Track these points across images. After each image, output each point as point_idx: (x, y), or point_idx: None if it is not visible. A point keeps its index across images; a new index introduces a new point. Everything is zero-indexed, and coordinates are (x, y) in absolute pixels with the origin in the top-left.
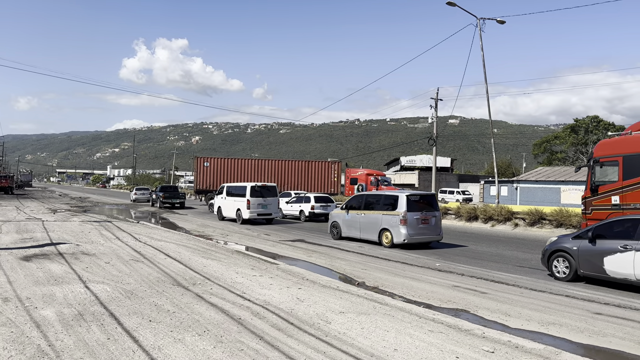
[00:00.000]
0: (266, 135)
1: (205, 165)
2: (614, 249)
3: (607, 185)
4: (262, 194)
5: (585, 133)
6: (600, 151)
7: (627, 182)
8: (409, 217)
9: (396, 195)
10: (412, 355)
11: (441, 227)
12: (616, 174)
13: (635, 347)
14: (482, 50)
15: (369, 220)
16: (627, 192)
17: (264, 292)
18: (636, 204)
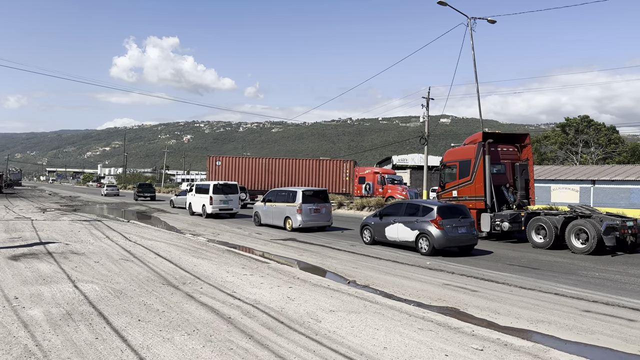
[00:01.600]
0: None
1: (217, 164)
2: (389, 222)
3: (450, 183)
4: (224, 191)
5: (575, 133)
6: (446, 158)
7: (461, 181)
8: (304, 208)
9: (295, 190)
10: (401, 353)
11: (331, 215)
12: (455, 174)
13: (622, 344)
14: (473, 50)
15: (278, 210)
16: (461, 188)
17: (254, 291)
18: (465, 196)
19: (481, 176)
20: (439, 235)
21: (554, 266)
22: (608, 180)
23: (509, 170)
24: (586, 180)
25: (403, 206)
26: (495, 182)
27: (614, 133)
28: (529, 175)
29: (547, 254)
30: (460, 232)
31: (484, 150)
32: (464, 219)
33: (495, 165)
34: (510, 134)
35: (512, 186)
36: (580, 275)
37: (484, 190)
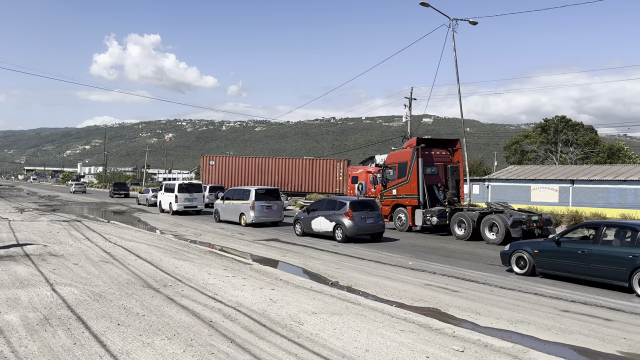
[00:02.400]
0: (241, 133)
1: (211, 163)
2: (314, 216)
3: (390, 182)
4: (188, 190)
5: (554, 132)
6: (388, 160)
7: (399, 180)
8: (256, 205)
9: (249, 189)
10: (383, 355)
11: (282, 212)
12: (395, 175)
13: (599, 343)
14: (455, 51)
15: (234, 207)
16: (399, 187)
17: (236, 293)
18: (403, 194)
19: (415, 177)
20: (350, 225)
21: None
22: (586, 180)
23: (441, 172)
24: (565, 180)
25: (325, 202)
26: (429, 182)
27: (592, 133)
28: (459, 176)
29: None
30: (368, 222)
31: (418, 154)
32: (371, 211)
33: (429, 167)
34: (443, 139)
35: (444, 186)
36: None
37: (418, 189)
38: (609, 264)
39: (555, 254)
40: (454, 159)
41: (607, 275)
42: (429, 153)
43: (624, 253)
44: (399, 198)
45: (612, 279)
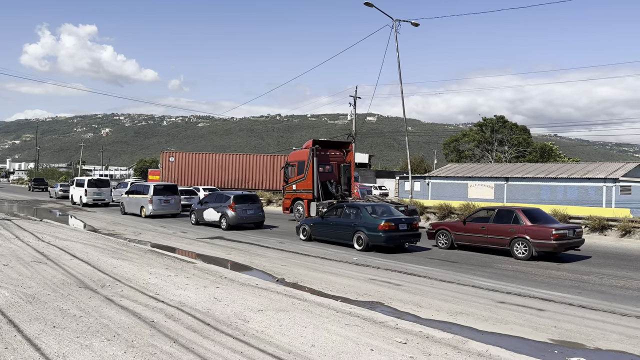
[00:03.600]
0: (183, 129)
1: (171, 160)
2: (206, 207)
3: (292, 179)
4: (97, 185)
5: (490, 132)
6: (290, 158)
7: (298, 177)
8: (154, 199)
9: (148, 184)
10: (328, 349)
11: (180, 205)
12: (295, 172)
13: (533, 332)
14: (398, 51)
15: (136, 201)
16: (299, 183)
17: (179, 292)
18: (301, 189)
19: (311, 174)
20: (233, 215)
21: (472, 260)
22: (520, 177)
23: (335, 170)
24: (500, 177)
25: (215, 196)
26: (324, 178)
27: (526, 133)
28: (350, 174)
29: None
30: (249, 213)
31: (314, 154)
32: (252, 204)
33: (324, 166)
34: (337, 142)
35: (337, 182)
36: (495, 269)
37: (313, 185)
38: (343, 230)
39: (321, 225)
40: (347, 158)
41: (343, 237)
42: (324, 153)
43: (350, 222)
44: (297, 192)
45: (345, 239)
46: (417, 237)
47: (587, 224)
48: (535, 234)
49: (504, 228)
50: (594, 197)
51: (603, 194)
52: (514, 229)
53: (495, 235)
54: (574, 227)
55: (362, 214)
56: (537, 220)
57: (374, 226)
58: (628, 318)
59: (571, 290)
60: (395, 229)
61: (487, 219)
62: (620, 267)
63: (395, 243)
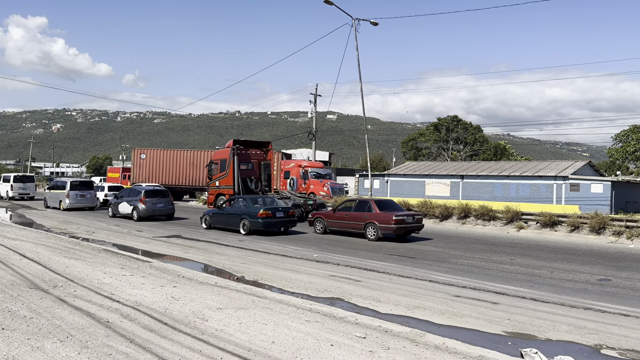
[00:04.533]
0: (138, 125)
1: (142, 157)
2: (121, 201)
3: (215, 175)
4: (22, 180)
5: (446, 131)
6: (213, 157)
7: (221, 174)
8: (71, 194)
9: (65, 181)
10: (289, 346)
11: (95, 199)
12: (218, 169)
13: (487, 325)
14: (357, 50)
15: (56, 196)
16: (221, 179)
17: (135, 292)
18: (223, 185)
19: (232, 171)
20: (143, 208)
21: (429, 255)
22: (475, 175)
23: (256, 167)
24: (456, 175)
25: (128, 191)
26: (245, 175)
27: (480, 132)
28: (271, 171)
29: None
30: (158, 206)
31: (234, 153)
32: (162, 198)
33: (245, 164)
34: (258, 142)
35: (257, 178)
36: (451, 263)
37: (233, 181)
38: (233, 218)
39: (218, 215)
40: (267, 157)
41: (233, 224)
42: (246, 152)
43: (238, 212)
44: (220, 188)
45: (234, 226)
46: (293, 223)
47: (538, 219)
48: (380, 220)
49: (361, 215)
50: (544, 194)
51: (553, 191)
52: (367, 216)
53: (354, 221)
54: (414, 214)
55: (247, 204)
56: (385, 208)
57: (254, 214)
58: (576, 309)
59: (524, 284)
60: (272, 216)
61: (350, 209)
62: (570, 261)
63: (272, 228)
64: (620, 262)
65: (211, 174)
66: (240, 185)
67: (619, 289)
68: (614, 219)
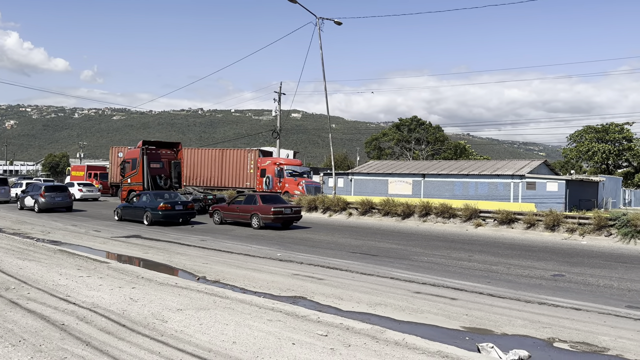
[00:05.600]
0: (97, 122)
1: (119, 156)
2: (26, 195)
3: (127, 173)
4: None
5: (408, 131)
6: (126, 156)
7: (132, 172)
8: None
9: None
10: (250, 346)
11: (9, 194)
12: (130, 168)
13: (446, 320)
14: (321, 49)
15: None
16: (132, 177)
17: (92, 293)
18: (134, 182)
19: (141, 170)
20: (42, 201)
21: (391, 252)
22: (435, 174)
23: (167, 166)
24: (418, 174)
25: (32, 186)
26: (155, 173)
27: (440, 132)
28: (181, 169)
29: None
30: (57, 200)
31: (144, 153)
32: (61, 192)
33: (156, 162)
34: (169, 142)
35: (168, 176)
36: (412, 260)
37: (143, 178)
38: (139, 211)
39: (127, 208)
40: (178, 156)
41: (139, 216)
42: (156, 152)
43: (142, 205)
44: (132, 185)
45: (140, 217)
46: (192, 215)
47: (496, 217)
48: (262, 211)
49: (248, 208)
50: (502, 193)
51: (511, 189)
52: (253, 208)
53: (243, 213)
54: (292, 206)
55: (150, 198)
56: (268, 202)
57: (155, 207)
58: (531, 304)
59: (481, 280)
60: (172, 209)
61: (241, 202)
62: (525, 258)
63: (171, 219)
64: (573, 258)
65: (124, 172)
66: (150, 182)
67: (572, 284)
68: (567, 217)
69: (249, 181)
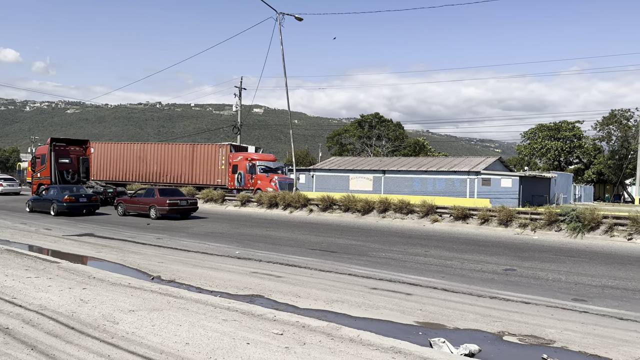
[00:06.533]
0: (50, 115)
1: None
2: None
3: (37, 168)
4: None
5: (369, 128)
6: (37, 152)
7: (42, 167)
8: None
9: None
10: (203, 346)
11: None
12: (39, 163)
13: (401, 316)
14: (282, 44)
15: None
16: (42, 171)
17: (40, 295)
18: (43, 176)
19: (49, 164)
20: None
21: (350, 249)
22: (395, 170)
23: (75, 161)
24: (378, 170)
25: None
26: (63, 168)
27: (401, 129)
28: (89, 164)
29: None
30: None
31: (52, 149)
32: None
33: (64, 158)
34: (78, 139)
35: (76, 171)
36: (371, 256)
37: (51, 173)
38: (47, 202)
39: (37, 201)
40: (86, 153)
41: (47, 208)
42: (65, 148)
43: (50, 197)
44: (41, 179)
45: (47, 209)
46: (96, 207)
47: (452, 213)
48: (159, 203)
49: (147, 200)
50: (459, 189)
51: (467, 185)
52: (151, 200)
53: (143, 205)
54: (188, 199)
55: (57, 192)
56: (165, 195)
57: (61, 200)
58: (483, 299)
59: (436, 275)
60: (75, 201)
61: (141, 195)
62: (479, 252)
63: (75, 210)
64: (525, 253)
65: (34, 167)
66: (57, 176)
67: (522, 278)
68: (520, 212)
69: (220, 178)
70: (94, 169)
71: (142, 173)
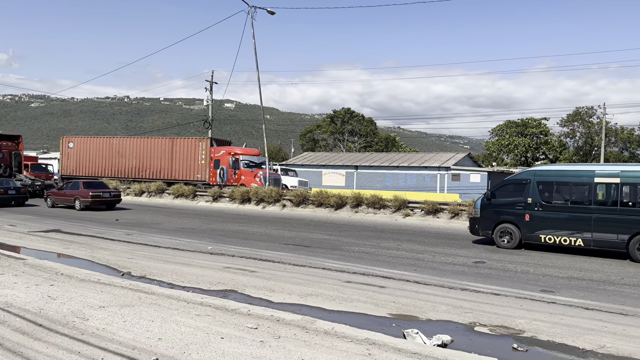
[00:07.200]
0: (12, 109)
1: (70, 146)
2: None
3: None
4: None
5: (341, 123)
6: None
7: None
8: None
9: None
10: (177, 342)
11: None
12: None
13: (374, 308)
14: (254, 38)
15: None
16: None
17: (5, 292)
18: None
19: None
20: None
21: (324, 243)
22: (368, 165)
23: (7, 156)
24: (351, 165)
25: None
26: None
27: (373, 125)
28: (21, 159)
29: None
30: None
31: None
32: None
33: None
34: (9, 135)
35: (9, 166)
36: (344, 251)
37: None
38: None
39: None
40: (19, 148)
41: None
42: None
43: None
44: None
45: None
46: (25, 199)
47: (423, 207)
48: (82, 195)
49: (72, 192)
50: (429, 184)
51: (437, 180)
52: (76, 193)
53: (69, 197)
54: (111, 191)
55: None
56: (90, 187)
57: None
58: (455, 291)
59: (408, 268)
60: (4, 193)
61: (68, 187)
62: (450, 246)
63: (5, 202)
64: (494, 246)
65: None
66: None
67: (492, 270)
68: None
69: (200, 173)
70: (73, 164)
71: (121, 169)
